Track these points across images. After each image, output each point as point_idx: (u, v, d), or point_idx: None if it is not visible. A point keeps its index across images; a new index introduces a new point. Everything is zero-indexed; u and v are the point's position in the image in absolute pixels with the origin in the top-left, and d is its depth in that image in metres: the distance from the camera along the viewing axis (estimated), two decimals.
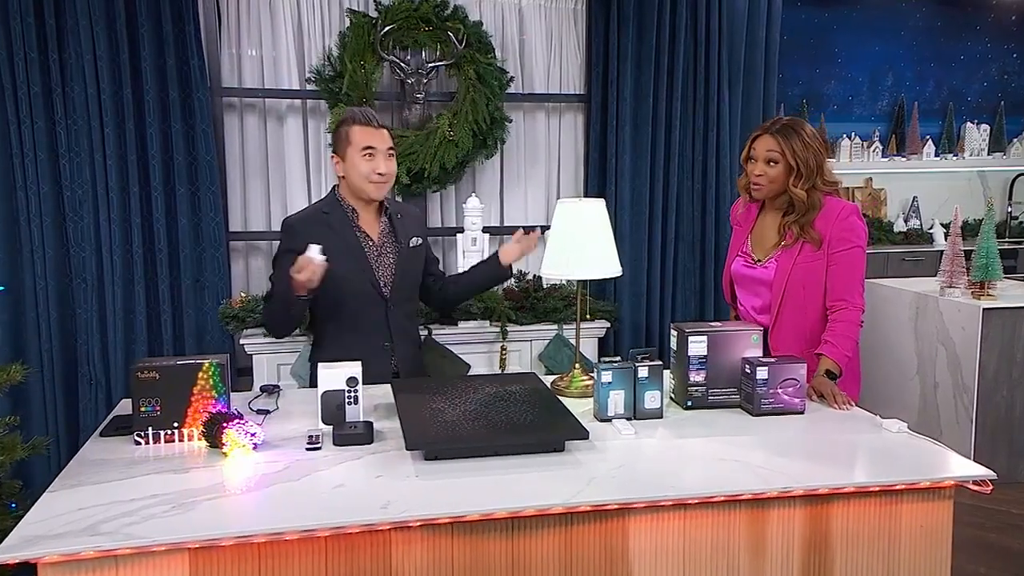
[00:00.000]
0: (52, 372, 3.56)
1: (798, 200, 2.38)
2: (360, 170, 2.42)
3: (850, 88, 5.95)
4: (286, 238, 2.45)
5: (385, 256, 2.52)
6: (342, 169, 2.46)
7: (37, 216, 3.47)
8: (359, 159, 2.41)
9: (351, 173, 2.44)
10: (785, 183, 2.39)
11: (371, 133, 2.43)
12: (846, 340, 2.34)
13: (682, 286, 4.28)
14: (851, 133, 5.85)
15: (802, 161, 2.36)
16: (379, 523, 1.55)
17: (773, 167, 2.40)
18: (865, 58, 5.91)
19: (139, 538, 1.46)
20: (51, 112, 3.45)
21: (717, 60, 4.16)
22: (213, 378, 1.97)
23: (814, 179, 2.38)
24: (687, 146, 4.21)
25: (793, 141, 2.37)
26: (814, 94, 5.85)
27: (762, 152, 2.41)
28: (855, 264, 2.41)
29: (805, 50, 5.74)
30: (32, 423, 3.56)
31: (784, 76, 5.61)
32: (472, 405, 2.02)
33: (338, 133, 2.47)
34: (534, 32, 4.18)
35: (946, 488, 1.72)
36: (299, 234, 2.38)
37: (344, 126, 2.45)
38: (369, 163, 2.41)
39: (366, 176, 2.42)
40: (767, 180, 2.41)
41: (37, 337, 3.55)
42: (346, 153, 2.43)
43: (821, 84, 5.88)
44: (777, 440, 1.93)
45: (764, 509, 1.68)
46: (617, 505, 1.62)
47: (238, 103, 3.89)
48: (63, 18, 3.40)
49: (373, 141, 2.42)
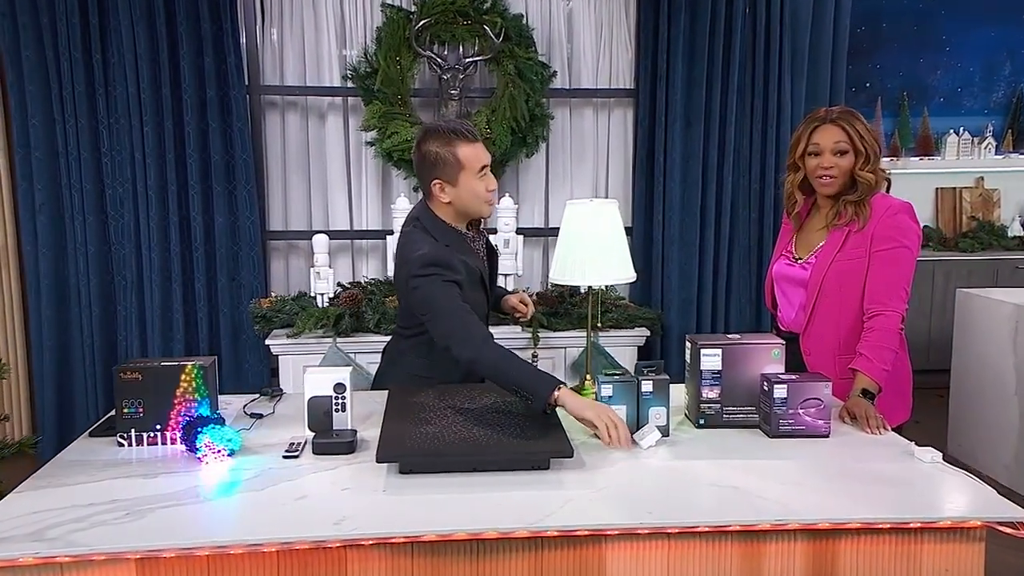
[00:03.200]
0: (94, 367, 3.63)
1: (865, 184, 2.21)
2: (478, 191, 2.14)
3: (959, 78, 5.47)
4: (445, 271, 2.10)
5: (488, 277, 2.35)
6: (449, 195, 2.15)
7: (80, 214, 3.55)
8: (475, 181, 2.13)
9: (465, 196, 2.15)
10: (852, 171, 2.23)
11: (480, 149, 2.16)
12: (883, 352, 2.12)
13: (736, 294, 4.06)
14: (959, 128, 5.41)
15: (868, 145, 2.22)
16: (328, 540, 1.45)
17: (843, 157, 2.23)
18: (978, 45, 5.41)
19: (80, 546, 1.41)
20: (94, 111, 3.52)
21: (779, 48, 3.91)
22: (196, 380, 1.92)
23: (878, 161, 2.24)
24: (743, 142, 3.98)
25: (857, 126, 2.22)
26: (917, 86, 5.41)
27: (828, 143, 2.24)
28: (899, 266, 2.19)
29: (907, 37, 5.30)
30: (76, 416, 3.64)
31: (882, 66, 5.26)
32: (463, 416, 1.90)
33: (439, 154, 2.12)
34: (582, 24, 4.03)
35: (974, 529, 1.50)
36: (455, 269, 2.12)
37: (446, 145, 2.11)
38: (484, 182, 2.15)
39: (484, 198, 2.16)
40: (840, 172, 2.24)
41: (80, 332, 3.63)
42: (458, 177, 2.12)
43: (925, 74, 5.43)
44: (789, 466, 1.74)
45: (759, 543, 1.50)
46: (588, 531, 1.47)
47: (280, 101, 3.89)
48: (106, 18, 3.47)
49: (485, 157, 2.17)
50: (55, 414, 3.66)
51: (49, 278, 3.59)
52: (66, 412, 3.69)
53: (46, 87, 3.50)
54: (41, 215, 3.56)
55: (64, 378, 3.68)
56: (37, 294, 3.61)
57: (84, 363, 3.64)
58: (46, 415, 3.67)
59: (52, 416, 3.66)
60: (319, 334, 3.33)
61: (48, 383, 3.65)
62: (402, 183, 3.91)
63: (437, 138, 2.12)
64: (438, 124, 2.18)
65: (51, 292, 3.61)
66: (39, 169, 3.54)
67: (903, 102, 5.32)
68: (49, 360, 3.65)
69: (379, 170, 3.98)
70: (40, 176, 3.55)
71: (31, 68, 3.47)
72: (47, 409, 3.67)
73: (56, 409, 3.67)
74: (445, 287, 2.08)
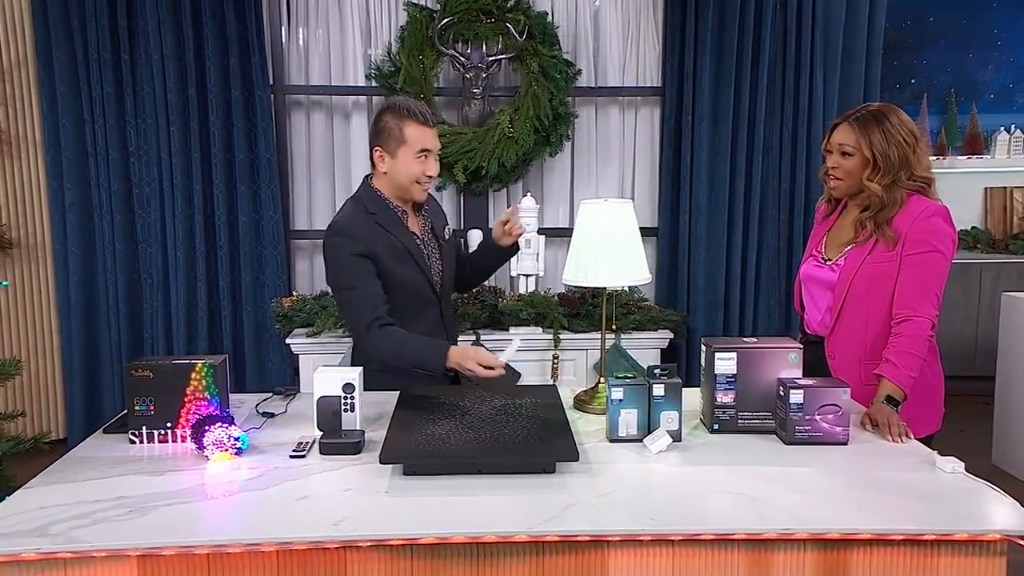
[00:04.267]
0: (121, 364, 3.68)
1: (873, 196, 2.14)
2: (411, 171, 2.24)
3: (1012, 74, 5.25)
4: (347, 243, 2.20)
5: (432, 254, 2.38)
6: (387, 165, 2.25)
7: (108, 213, 3.60)
8: (412, 160, 2.23)
9: (398, 172, 2.25)
10: (861, 177, 2.16)
11: (428, 134, 2.25)
12: (910, 358, 2.05)
13: (765, 296, 3.98)
14: (1011, 126, 5.20)
15: (880, 153, 2.12)
16: (326, 541, 1.44)
17: (848, 159, 2.18)
18: None
19: (81, 542, 1.41)
20: (122, 111, 3.57)
21: (810, 45, 3.83)
22: (206, 379, 1.92)
23: (895, 174, 2.13)
24: (773, 142, 3.90)
25: (871, 131, 2.13)
26: (966, 82, 5.21)
27: (836, 144, 2.20)
28: (932, 271, 2.11)
29: (955, 31, 5.10)
30: (104, 412, 3.69)
31: (928, 63, 5.09)
32: (471, 419, 1.88)
33: (387, 125, 2.23)
34: (608, 22, 3.98)
35: (994, 542, 1.44)
36: (359, 237, 2.21)
37: (397, 119, 2.22)
38: (421, 165, 2.24)
39: (415, 178, 2.25)
40: (843, 173, 2.19)
41: (108, 330, 3.68)
42: (397, 151, 2.23)
43: (975, 70, 5.22)
44: (803, 474, 1.68)
45: (766, 552, 1.46)
46: (589, 537, 1.44)
47: (305, 100, 3.91)
48: (134, 19, 3.52)
49: (430, 143, 2.25)
50: (84, 410, 3.73)
51: (78, 276, 3.65)
52: (95, 408, 3.75)
53: (76, 88, 3.56)
54: (71, 214, 3.62)
55: (93, 375, 3.74)
56: (66, 292, 3.67)
57: (112, 360, 3.69)
58: (75, 411, 3.74)
59: (80, 412, 3.72)
60: (339, 334, 3.33)
61: (77, 380, 3.72)
62: None
63: (393, 112, 2.24)
64: (398, 100, 2.30)
65: (80, 290, 3.66)
66: (69, 168, 3.60)
67: (950, 99, 5.15)
68: (79, 357, 3.71)
69: None
70: (70, 175, 3.61)
71: (61, 69, 3.53)
72: (76, 405, 3.73)
73: (84, 405, 3.73)
74: (350, 261, 2.19)
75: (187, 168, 3.60)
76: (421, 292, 2.33)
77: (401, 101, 2.27)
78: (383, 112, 2.26)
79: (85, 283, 3.67)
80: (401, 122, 2.22)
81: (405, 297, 2.29)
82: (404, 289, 2.28)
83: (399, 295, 2.27)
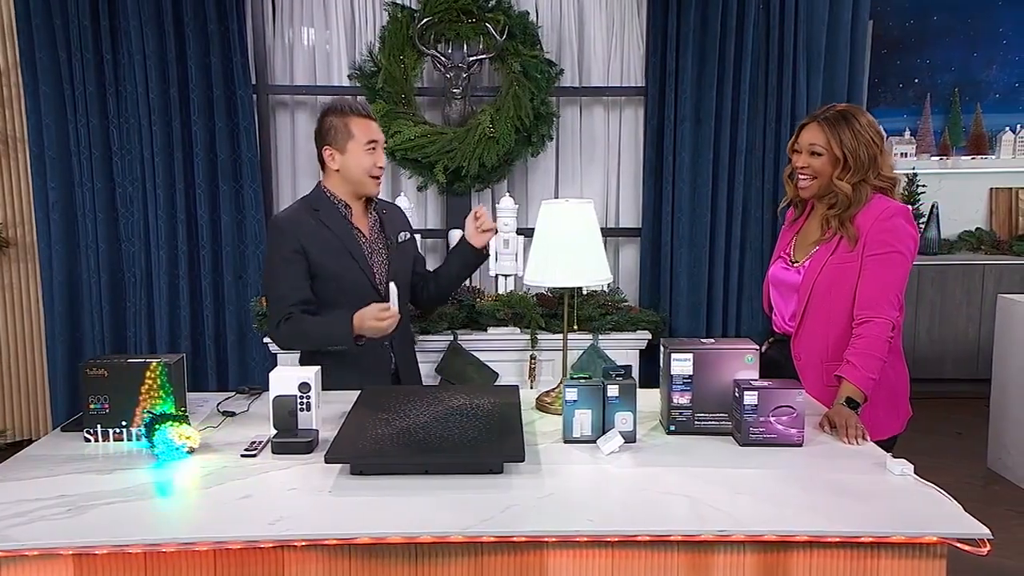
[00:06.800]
0: None
1: (842, 195, 2.15)
2: (363, 164, 2.34)
3: (1018, 73, 5.21)
4: (279, 239, 2.33)
5: (378, 253, 2.44)
6: (337, 163, 2.36)
7: (92, 212, 3.61)
8: (363, 152, 2.34)
9: (351, 167, 2.35)
10: (831, 176, 2.16)
11: (373, 126, 2.37)
12: (870, 359, 2.04)
13: (748, 297, 3.94)
14: (1016, 126, 5.14)
15: (850, 152, 2.14)
16: (261, 540, 1.43)
17: (816, 159, 2.19)
18: None
19: (14, 541, 1.41)
20: (105, 111, 3.58)
21: (793, 44, 3.77)
22: (160, 378, 1.92)
23: (864, 173, 2.15)
24: (756, 142, 3.86)
25: (841, 131, 2.15)
26: (970, 81, 5.17)
27: (805, 143, 2.21)
28: (892, 271, 2.11)
29: (960, 30, 5.06)
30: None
31: (932, 62, 5.05)
32: (423, 418, 1.87)
33: (332, 124, 2.34)
34: (592, 22, 3.96)
35: (932, 545, 1.42)
36: (291, 233, 2.32)
37: (340, 117, 2.34)
38: (371, 157, 2.35)
39: (368, 170, 2.35)
40: (815, 173, 2.20)
41: (91, 328, 3.69)
42: (346, 146, 2.34)
43: (979, 69, 5.19)
44: (753, 476, 1.67)
45: (706, 554, 1.45)
46: (526, 538, 1.43)
47: (289, 100, 3.91)
48: (116, 19, 3.52)
49: (376, 134, 2.37)
50: (67, 407, 3.73)
51: (61, 275, 3.66)
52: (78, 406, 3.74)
53: (59, 88, 3.57)
54: (54, 213, 3.63)
55: (76, 373, 3.74)
56: (50, 290, 3.68)
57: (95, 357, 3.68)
58: (59, 409, 3.75)
59: (64, 408, 3.73)
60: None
61: (60, 377, 3.73)
62: (407, 182, 3.90)
63: (335, 112, 2.35)
64: (337, 100, 2.41)
65: (63, 288, 3.68)
66: (52, 168, 3.61)
67: (954, 98, 5.10)
68: (62, 354, 3.72)
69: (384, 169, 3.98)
70: (53, 175, 3.61)
71: (44, 69, 3.54)
72: (59, 402, 3.75)
73: (69, 402, 3.73)
74: (274, 260, 2.32)
75: (169, 167, 3.60)
76: (359, 288, 2.37)
77: (339, 100, 2.40)
78: (325, 114, 2.37)
79: (69, 282, 3.68)
80: (345, 119, 2.33)
81: (342, 293, 2.34)
82: (341, 284, 2.34)
83: (336, 290, 2.34)
